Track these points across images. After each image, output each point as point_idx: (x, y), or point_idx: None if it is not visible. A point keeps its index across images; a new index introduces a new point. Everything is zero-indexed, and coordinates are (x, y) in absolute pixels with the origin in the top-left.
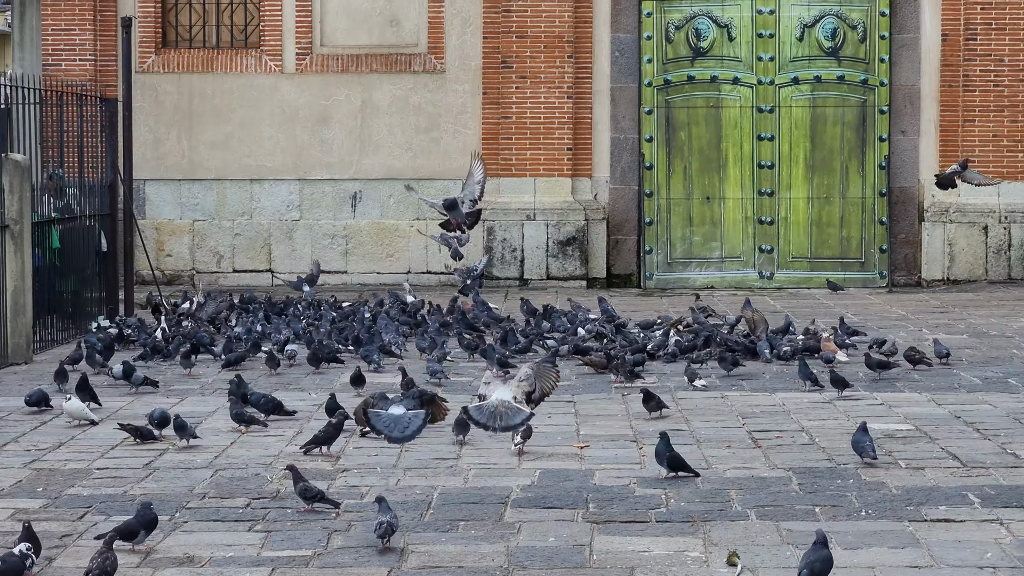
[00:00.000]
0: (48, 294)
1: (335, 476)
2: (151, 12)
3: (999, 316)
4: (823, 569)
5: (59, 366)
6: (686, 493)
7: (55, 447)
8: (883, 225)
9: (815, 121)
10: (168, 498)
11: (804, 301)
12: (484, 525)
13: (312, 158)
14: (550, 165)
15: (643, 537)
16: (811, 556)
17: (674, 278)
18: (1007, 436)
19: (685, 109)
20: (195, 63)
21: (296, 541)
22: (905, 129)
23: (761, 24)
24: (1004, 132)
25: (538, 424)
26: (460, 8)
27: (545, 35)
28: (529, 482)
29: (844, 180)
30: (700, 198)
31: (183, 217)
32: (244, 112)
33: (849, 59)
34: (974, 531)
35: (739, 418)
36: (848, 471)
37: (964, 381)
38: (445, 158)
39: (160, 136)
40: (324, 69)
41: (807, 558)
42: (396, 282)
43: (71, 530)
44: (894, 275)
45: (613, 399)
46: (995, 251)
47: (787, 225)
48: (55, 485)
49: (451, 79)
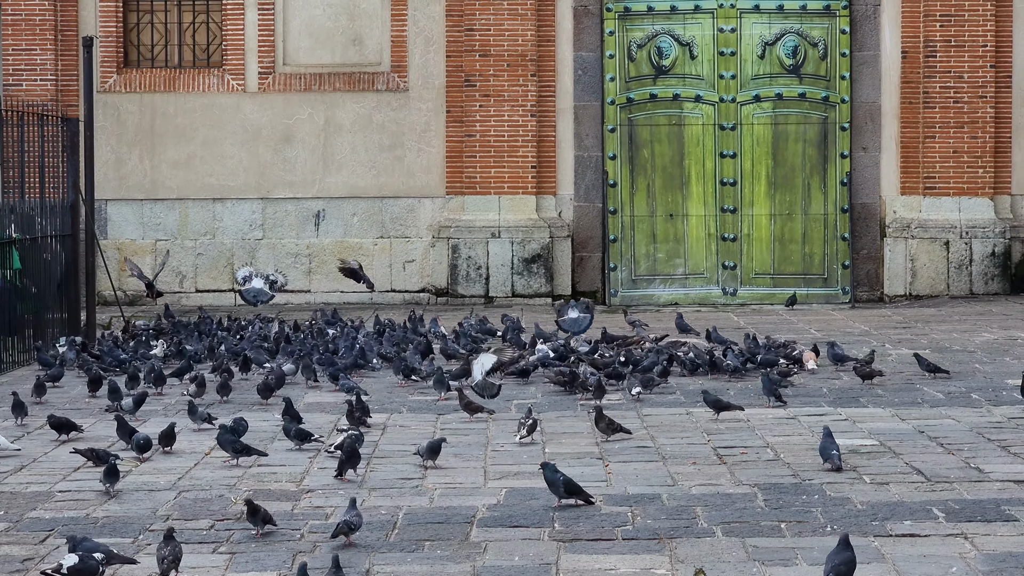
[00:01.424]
0: (8, 315)
1: (299, 497)
2: (112, 32)
3: (961, 331)
4: (847, 571)
5: (36, 380)
6: (652, 511)
7: (16, 470)
8: (845, 241)
9: (777, 138)
10: (131, 520)
11: (767, 317)
12: (450, 545)
13: (275, 177)
14: (514, 183)
15: (609, 555)
16: (835, 559)
17: (639, 295)
18: (971, 451)
19: (648, 127)
20: (157, 83)
21: (261, 563)
22: (866, 146)
23: (723, 42)
24: (964, 148)
25: (504, 443)
26: (423, 27)
27: (508, 54)
28: (495, 501)
29: (806, 197)
30: (663, 215)
31: (145, 237)
32: (206, 131)
33: (810, 76)
34: (939, 546)
35: (704, 434)
36: (813, 487)
37: (927, 396)
38: (409, 176)
39: (122, 156)
40: (287, 88)
41: (831, 560)
42: (360, 301)
43: (32, 554)
44: (857, 291)
45: (579, 416)
46: (956, 266)
47: (750, 242)
48: (16, 508)
49: (414, 97)
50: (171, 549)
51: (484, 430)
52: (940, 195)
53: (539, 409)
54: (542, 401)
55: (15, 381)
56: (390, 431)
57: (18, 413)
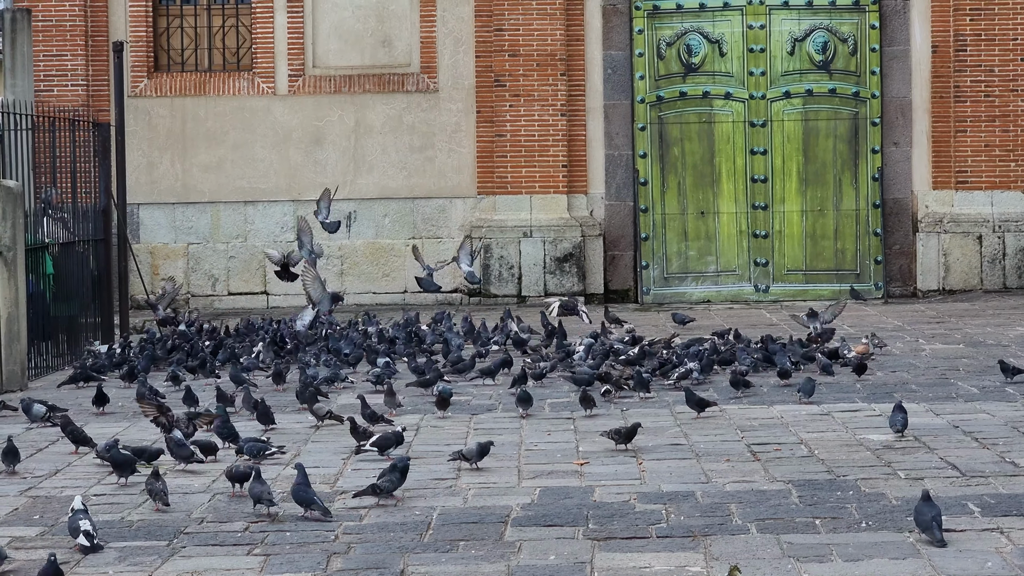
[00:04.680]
0: (42, 320)
1: (333, 498)
2: (143, 36)
3: (995, 325)
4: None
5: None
6: (686, 508)
7: (52, 474)
8: (877, 236)
9: (807, 134)
10: (166, 523)
11: (800, 314)
12: (484, 545)
13: (306, 179)
14: (545, 182)
15: (644, 553)
16: (928, 511)
17: (671, 292)
18: (1006, 445)
19: (678, 125)
20: (188, 87)
21: (295, 564)
22: (897, 141)
23: (752, 39)
24: (996, 142)
25: (537, 442)
26: (452, 28)
27: (537, 53)
28: (529, 500)
29: (837, 192)
30: (695, 213)
31: (177, 241)
32: (237, 134)
33: (840, 72)
34: (974, 541)
35: (737, 431)
36: (848, 483)
37: (962, 391)
38: (440, 177)
39: (153, 160)
40: (317, 90)
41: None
42: (393, 302)
43: (68, 558)
44: (890, 286)
45: (612, 415)
46: (990, 260)
47: (781, 238)
48: (52, 512)
49: (444, 98)
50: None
51: (517, 429)
52: (972, 189)
53: (571, 408)
54: (573, 399)
55: (48, 386)
56: (423, 432)
57: (10, 461)
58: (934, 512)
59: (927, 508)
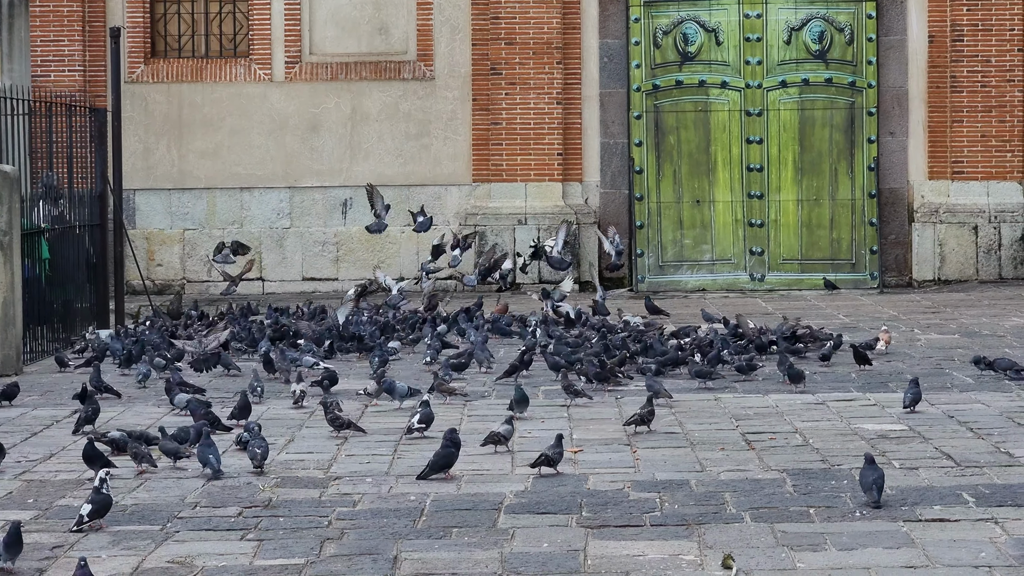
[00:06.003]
0: (38, 305)
1: (327, 484)
2: (140, 22)
3: (990, 315)
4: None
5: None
6: (680, 496)
7: (46, 458)
8: (873, 226)
9: (803, 124)
10: (159, 508)
11: (795, 303)
12: (478, 532)
13: (302, 166)
14: (540, 170)
15: (638, 541)
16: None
17: (666, 280)
18: (1000, 435)
19: (674, 113)
20: (184, 73)
21: (288, 549)
22: (894, 130)
23: (748, 28)
24: (992, 133)
25: (531, 429)
26: (449, 16)
27: (534, 41)
28: (523, 488)
29: (833, 182)
30: (690, 201)
31: (173, 226)
32: (234, 121)
33: (837, 61)
34: (969, 530)
35: (732, 420)
36: (842, 472)
37: (957, 380)
38: (435, 164)
39: (150, 146)
40: (313, 77)
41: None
42: None
43: (62, 541)
44: (885, 276)
45: (606, 403)
46: (985, 251)
47: (777, 227)
48: (46, 496)
49: (440, 86)
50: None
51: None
52: (968, 179)
53: (564, 396)
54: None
55: (44, 370)
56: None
57: None
58: (876, 475)
59: (870, 471)
